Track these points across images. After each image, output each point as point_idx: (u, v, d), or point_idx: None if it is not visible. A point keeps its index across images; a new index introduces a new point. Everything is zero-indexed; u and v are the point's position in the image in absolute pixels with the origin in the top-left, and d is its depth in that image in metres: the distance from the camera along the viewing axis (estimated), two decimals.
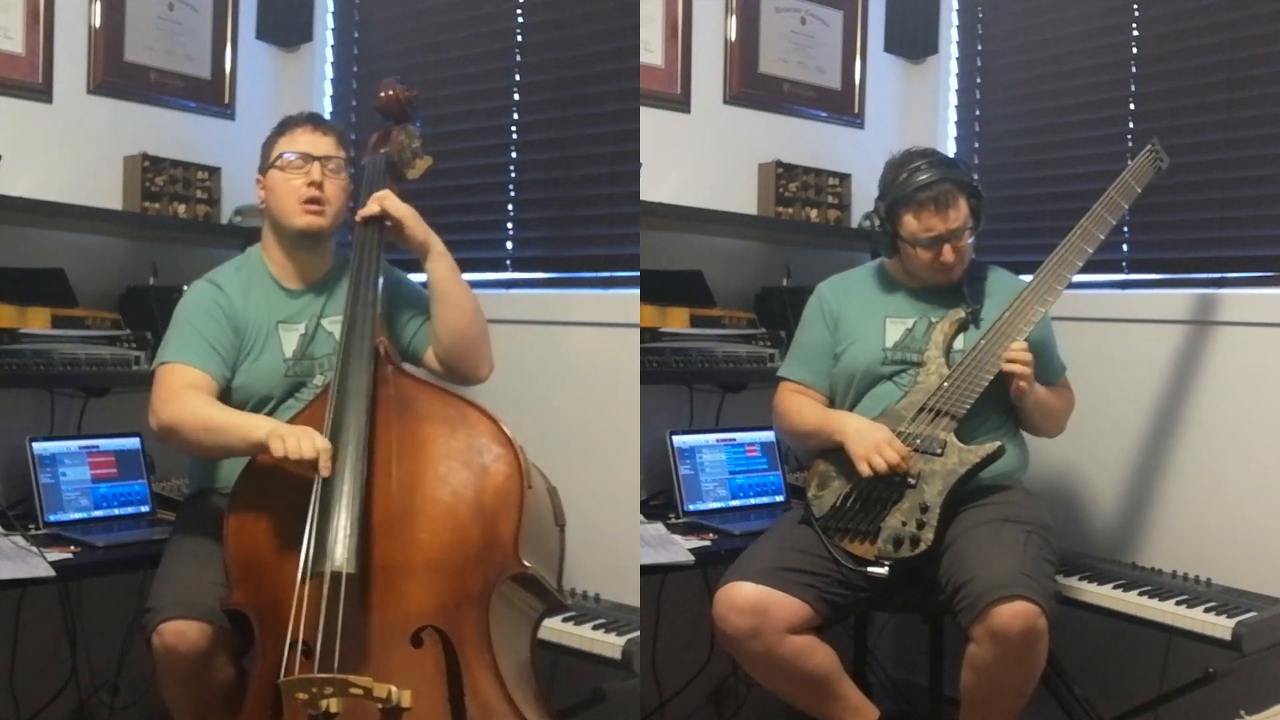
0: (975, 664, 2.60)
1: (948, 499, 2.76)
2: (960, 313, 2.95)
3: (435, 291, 2.77)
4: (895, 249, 2.96)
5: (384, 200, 2.72)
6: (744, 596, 2.71)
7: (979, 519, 2.77)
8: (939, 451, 2.79)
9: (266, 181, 2.80)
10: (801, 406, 3.01)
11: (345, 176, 2.82)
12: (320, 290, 2.84)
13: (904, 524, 2.76)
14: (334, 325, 2.77)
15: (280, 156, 2.77)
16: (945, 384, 2.85)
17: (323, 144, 2.79)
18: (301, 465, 2.36)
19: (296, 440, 2.36)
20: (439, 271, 2.76)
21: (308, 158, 2.76)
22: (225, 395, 2.69)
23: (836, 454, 2.87)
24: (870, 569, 2.77)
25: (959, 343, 2.94)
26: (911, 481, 2.79)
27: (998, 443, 2.81)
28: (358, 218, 2.74)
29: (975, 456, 2.79)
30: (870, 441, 2.79)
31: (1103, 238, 2.93)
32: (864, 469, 2.77)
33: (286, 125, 2.83)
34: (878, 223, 2.96)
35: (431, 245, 2.75)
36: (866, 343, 2.98)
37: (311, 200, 2.74)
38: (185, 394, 2.61)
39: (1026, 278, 3.08)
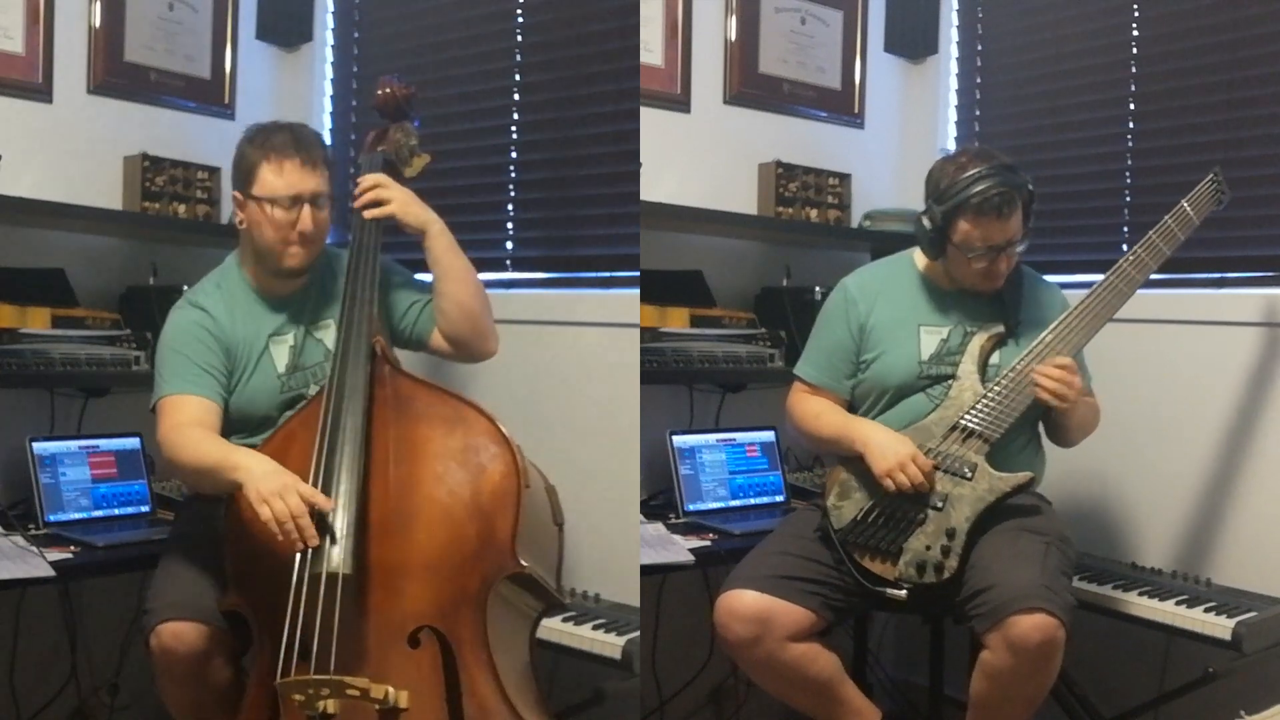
0: (989, 672, 2.57)
1: (974, 525, 2.70)
2: (999, 328, 2.86)
3: (437, 267, 2.74)
4: (941, 251, 2.83)
5: (377, 194, 2.71)
6: (746, 605, 2.68)
7: (997, 528, 2.72)
8: (969, 475, 2.72)
9: (248, 211, 2.69)
10: (820, 411, 2.93)
11: (331, 205, 2.75)
12: (305, 296, 2.81)
13: (928, 548, 2.70)
14: (323, 333, 2.77)
15: (269, 199, 2.65)
16: (980, 404, 2.76)
17: (311, 181, 2.67)
18: (285, 537, 2.32)
19: (281, 503, 2.31)
20: (439, 248, 2.73)
21: (298, 200, 2.66)
22: (224, 416, 2.68)
23: (858, 463, 2.79)
24: (889, 590, 2.71)
25: (995, 358, 2.86)
26: (938, 504, 2.71)
27: (1029, 473, 2.74)
28: (365, 215, 2.71)
29: (1006, 485, 2.72)
30: (894, 457, 2.71)
31: (1155, 267, 2.83)
32: (888, 485, 2.70)
33: (270, 152, 2.66)
34: (928, 224, 2.80)
35: (429, 225, 2.73)
36: (901, 354, 2.87)
37: (300, 240, 2.68)
38: (182, 432, 2.58)
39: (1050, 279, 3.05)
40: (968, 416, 2.77)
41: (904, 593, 2.70)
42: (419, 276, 2.89)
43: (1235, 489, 3.18)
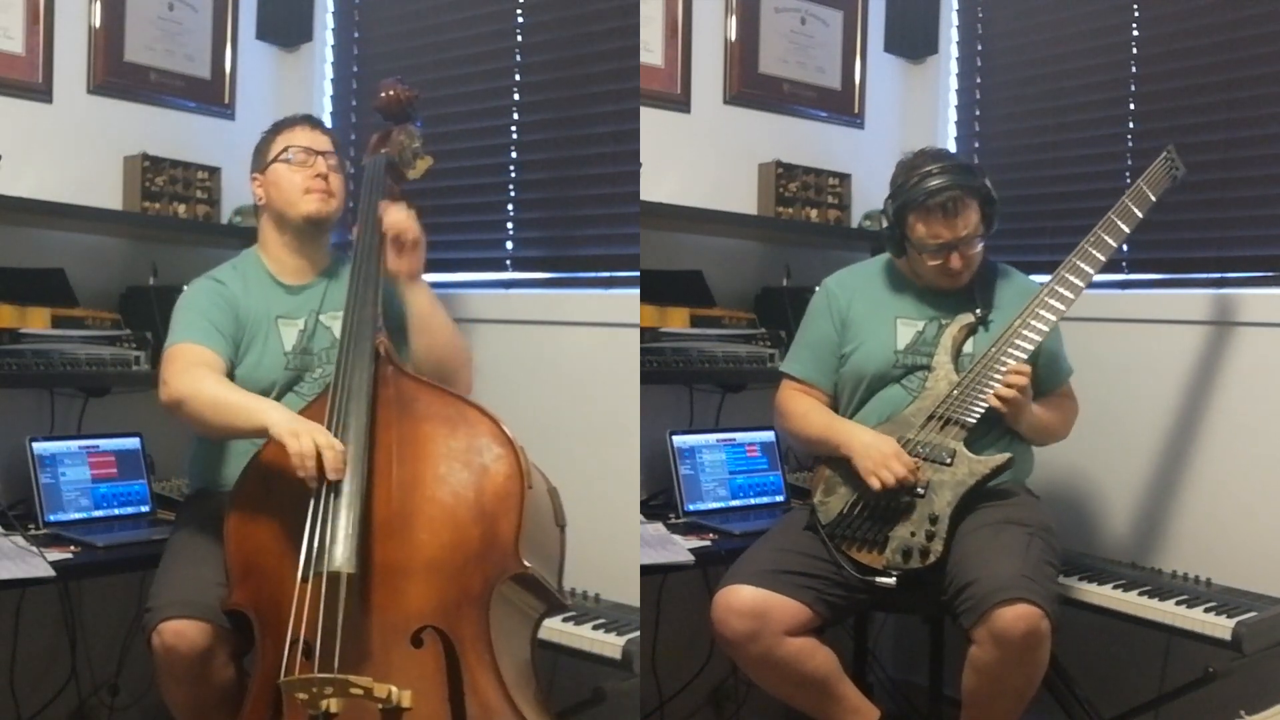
0: (977, 666, 2.59)
1: (957, 509, 2.74)
2: (969, 317, 2.92)
3: (417, 320, 2.76)
4: (903, 250, 2.93)
5: (406, 220, 2.69)
6: (742, 600, 2.70)
7: (981, 521, 2.76)
8: (948, 461, 2.77)
9: (267, 178, 2.83)
10: (806, 410, 2.98)
11: (343, 175, 2.87)
12: (317, 286, 2.86)
13: (913, 534, 2.74)
14: (332, 321, 2.79)
15: (285, 150, 2.81)
16: (955, 391, 2.82)
17: (322, 141, 2.87)
18: (306, 469, 2.34)
19: (310, 437, 2.34)
20: (422, 300, 2.75)
21: (311, 152, 2.81)
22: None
23: (842, 460, 2.84)
24: (878, 579, 2.75)
25: (968, 347, 2.91)
26: (920, 491, 2.76)
27: (1007, 454, 2.79)
28: (388, 236, 2.68)
29: (985, 468, 2.77)
30: (878, 455, 2.76)
31: (1116, 245, 2.89)
32: (874, 484, 2.75)
33: (282, 125, 2.89)
34: (885, 223, 2.92)
35: (419, 275, 2.75)
36: (877, 345, 2.94)
37: (318, 185, 2.79)
38: (196, 369, 2.61)
39: (1032, 278, 3.08)
40: (944, 404, 2.82)
41: (893, 580, 2.74)
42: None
43: (1236, 489, 3.19)
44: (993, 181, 2.89)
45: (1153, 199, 2.94)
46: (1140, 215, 2.93)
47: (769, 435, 3.53)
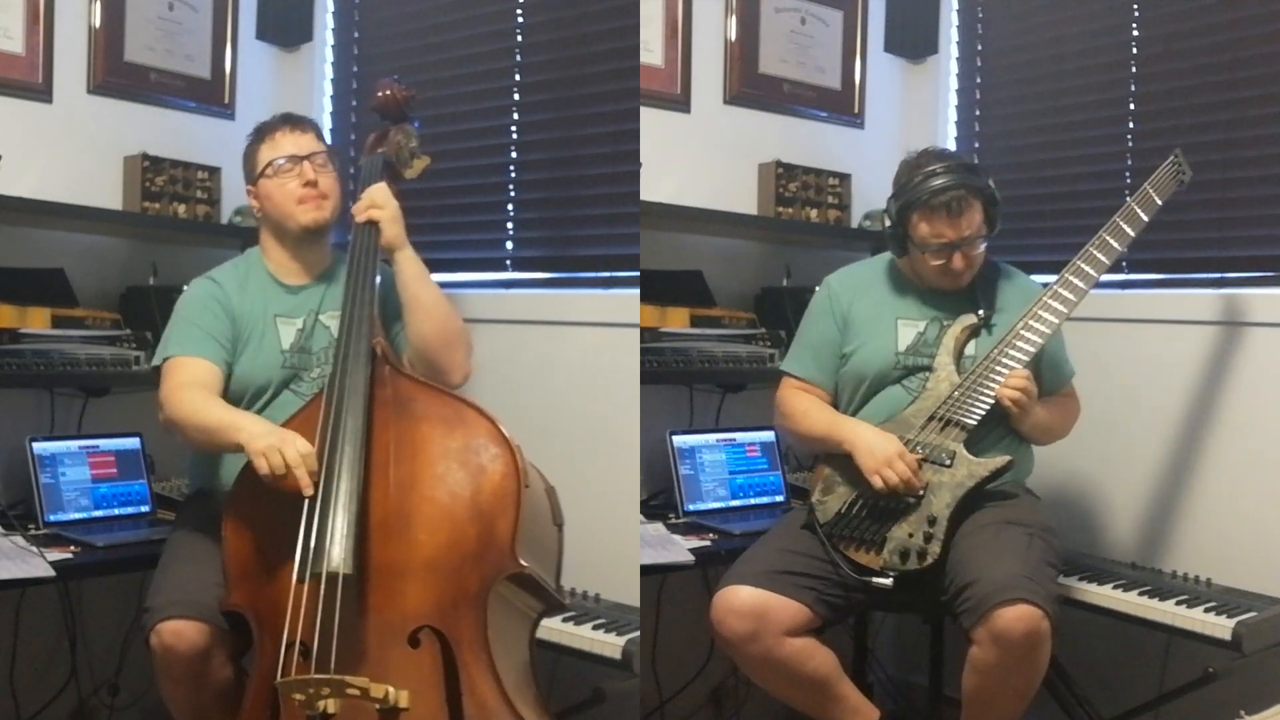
0: (977, 666, 2.59)
1: (955, 511, 2.74)
2: (971, 318, 2.90)
3: (404, 294, 2.76)
4: (905, 250, 2.91)
5: (373, 196, 2.72)
6: (742, 600, 2.70)
7: (981, 522, 2.75)
8: (948, 463, 2.76)
9: (259, 191, 2.82)
10: (808, 409, 2.97)
11: (334, 169, 2.85)
12: (317, 286, 2.85)
13: (911, 535, 2.74)
14: (331, 320, 2.79)
15: (270, 164, 2.79)
16: (955, 393, 2.81)
17: (305, 142, 2.82)
18: (288, 480, 2.35)
19: (278, 455, 2.35)
20: (407, 273, 2.75)
21: (295, 159, 2.78)
22: (225, 383, 2.72)
23: (841, 459, 2.84)
24: (875, 579, 2.74)
25: (970, 348, 2.90)
26: (919, 492, 2.75)
27: (1007, 456, 2.78)
28: (357, 218, 2.73)
29: (984, 470, 2.76)
30: (882, 454, 2.75)
31: (1120, 249, 2.88)
32: (877, 483, 2.74)
33: (264, 132, 2.85)
34: (888, 222, 2.90)
35: (397, 247, 2.73)
36: (878, 345, 2.93)
37: (310, 194, 2.77)
38: (185, 391, 2.63)
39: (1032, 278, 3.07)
40: (944, 406, 2.81)
41: (890, 580, 2.74)
42: None
43: (1237, 489, 3.18)
44: (993, 181, 2.89)
45: (1159, 203, 2.92)
46: (1145, 219, 2.91)
47: (769, 435, 3.53)
